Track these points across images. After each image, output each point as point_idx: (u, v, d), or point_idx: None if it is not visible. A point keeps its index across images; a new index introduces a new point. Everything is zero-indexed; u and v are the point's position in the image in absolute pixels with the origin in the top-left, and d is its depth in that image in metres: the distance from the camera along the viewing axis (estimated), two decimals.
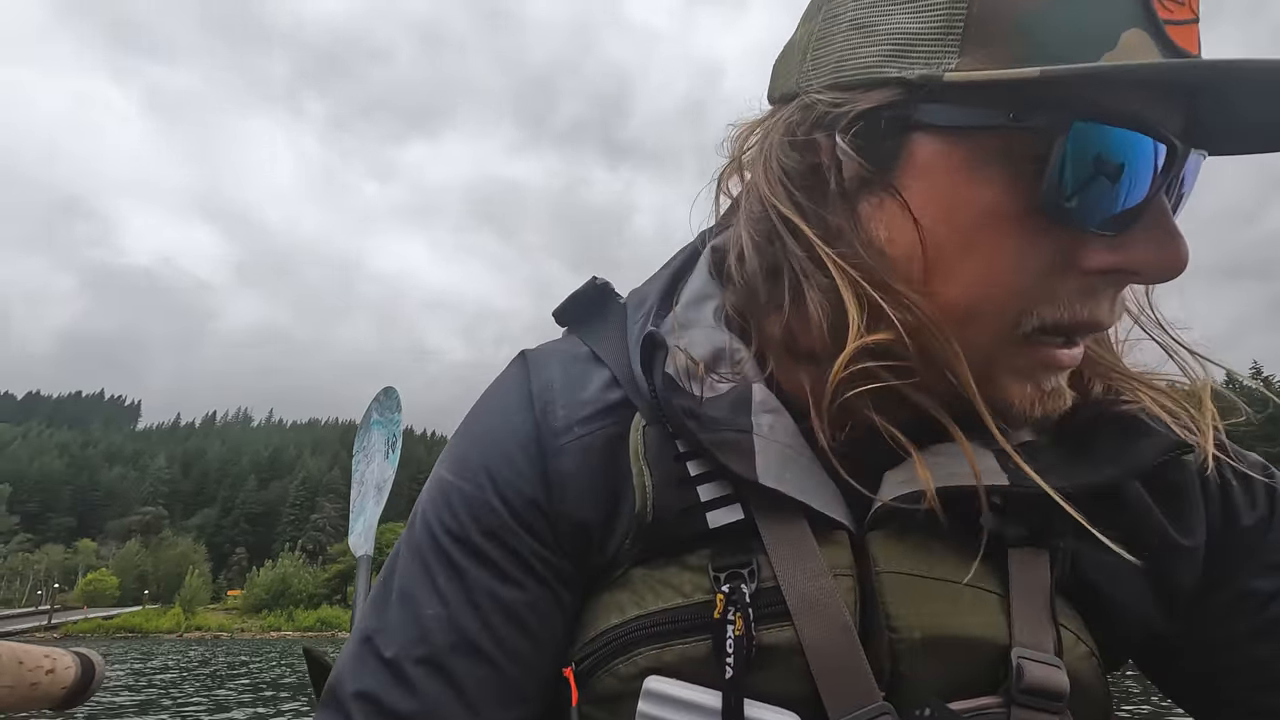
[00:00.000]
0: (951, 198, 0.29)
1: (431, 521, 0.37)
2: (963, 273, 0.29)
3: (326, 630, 48.46)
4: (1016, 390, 0.31)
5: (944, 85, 0.27)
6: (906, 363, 0.30)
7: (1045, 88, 0.26)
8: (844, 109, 0.30)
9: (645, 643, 0.32)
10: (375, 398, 2.02)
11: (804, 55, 0.33)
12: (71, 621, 46.02)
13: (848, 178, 0.31)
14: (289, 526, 79.03)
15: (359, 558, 1.61)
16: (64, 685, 0.49)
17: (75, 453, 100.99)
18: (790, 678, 0.30)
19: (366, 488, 1.88)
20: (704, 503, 0.33)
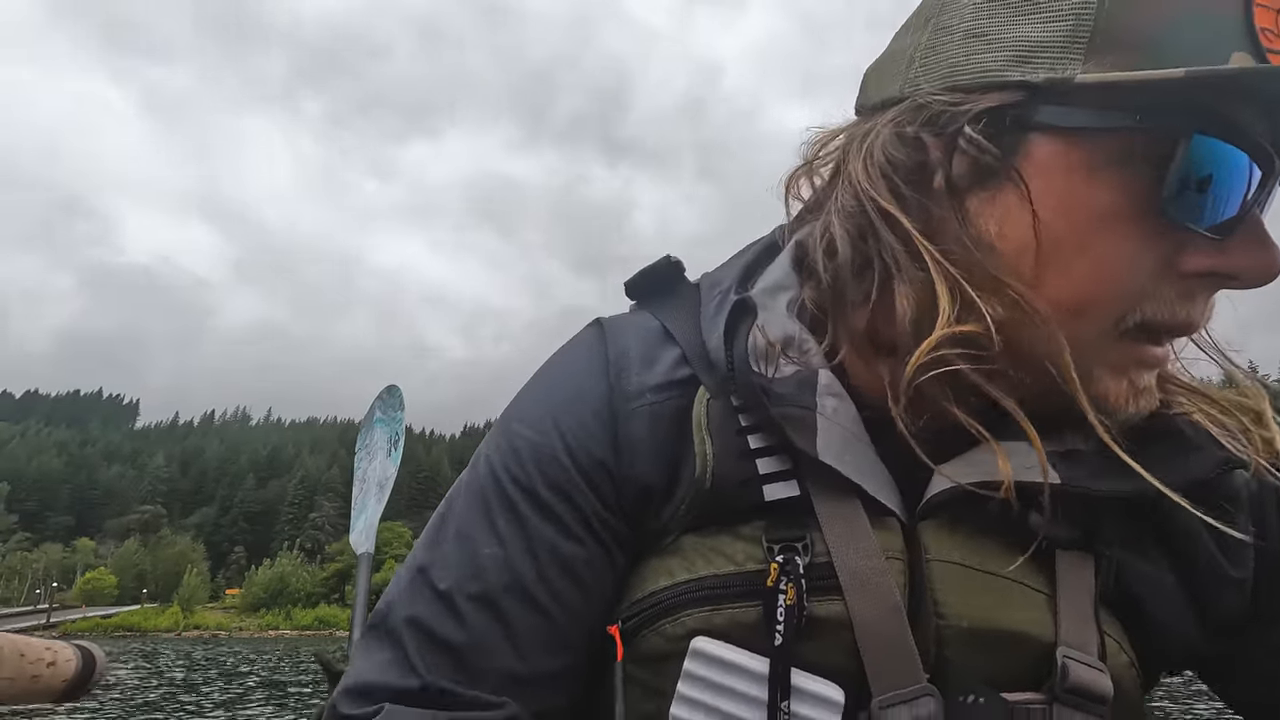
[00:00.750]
0: (1069, 196, 0.30)
1: (497, 468, 0.38)
2: (1076, 268, 0.30)
3: (324, 629, 48.47)
4: (1113, 386, 0.32)
5: (1072, 87, 0.29)
6: (986, 356, 0.31)
7: (1174, 91, 0.27)
8: (963, 108, 0.31)
9: (694, 605, 0.33)
10: (379, 395, 2.00)
11: (911, 63, 0.34)
12: (70, 620, 46.04)
13: (958, 173, 0.32)
14: (287, 525, 78.98)
15: (360, 555, 1.60)
16: (65, 678, 0.50)
17: (73, 451, 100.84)
18: (837, 651, 0.31)
19: (368, 485, 1.85)
20: (762, 475, 0.34)
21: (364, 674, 0.34)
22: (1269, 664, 0.35)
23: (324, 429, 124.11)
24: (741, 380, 0.35)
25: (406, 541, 60.00)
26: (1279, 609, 0.35)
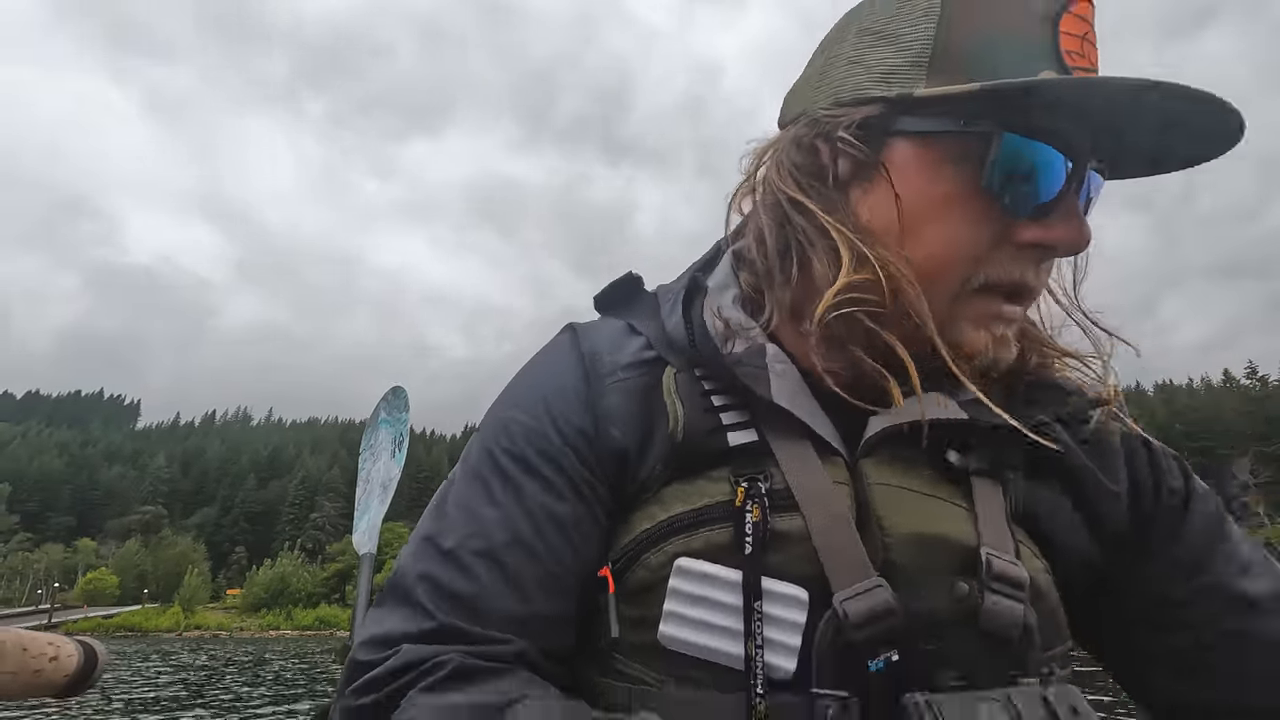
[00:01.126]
0: (921, 185, 0.40)
1: (491, 447, 0.44)
2: (928, 240, 0.40)
3: (325, 629, 48.45)
4: (972, 334, 0.41)
5: (914, 100, 0.39)
6: (880, 306, 0.39)
7: (984, 101, 0.37)
8: (841, 119, 0.41)
9: (674, 535, 0.39)
10: (384, 397, 2.00)
11: (809, 86, 0.45)
12: (71, 620, 46.00)
13: (842, 170, 0.42)
14: (288, 526, 78.95)
15: (362, 555, 1.57)
16: (67, 673, 0.50)
17: (75, 452, 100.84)
18: (799, 559, 0.37)
19: (372, 486, 1.85)
20: (725, 426, 0.42)
21: (380, 627, 0.39)
22: (1152, 569, 0.43)
23: (325, 429, 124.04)
24: (703, 348, 0.43)
25: (407, 541, 59.41)
26: (1152, 530, 0.44)
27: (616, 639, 0.39)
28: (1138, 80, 0.34)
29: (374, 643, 0.38)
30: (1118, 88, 0.35)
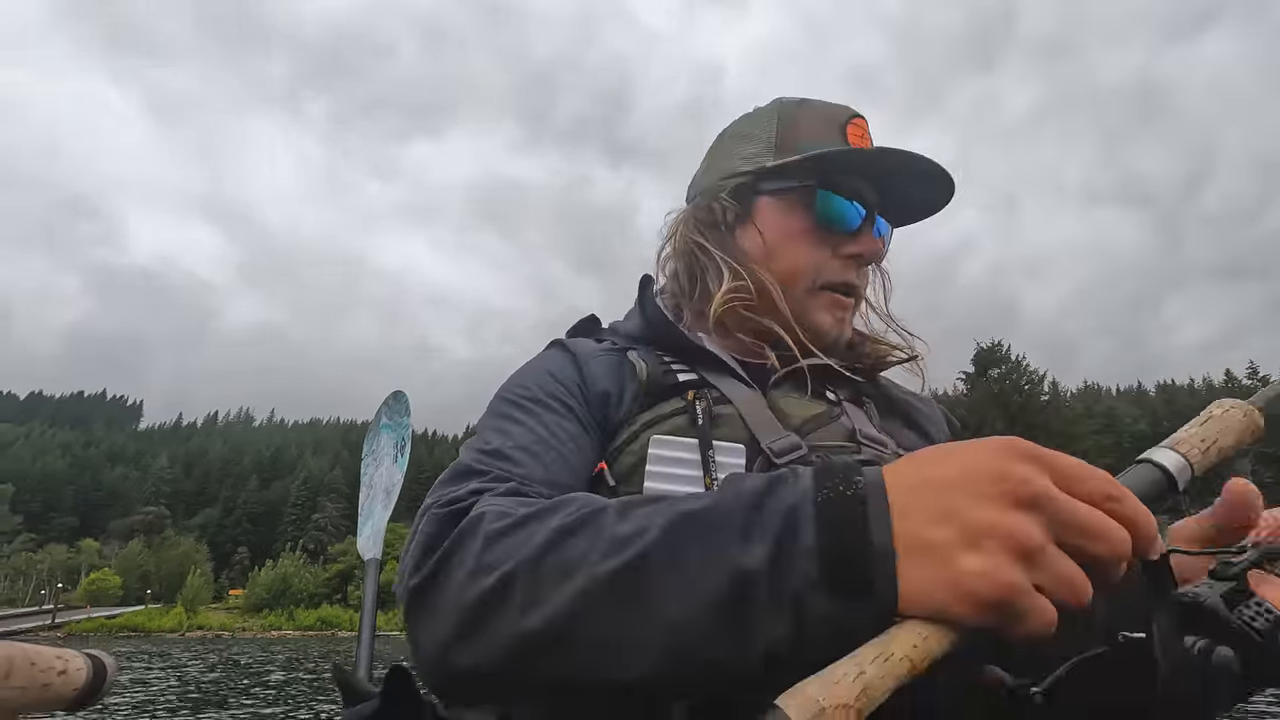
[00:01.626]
0: (776, 223, 0.63)
1: (506, 395, 0.59)
2: (784, 258, 0.63)
3: (327, 629, 48.48)
4: (820, 318, 0.64)
5: (767, 169, 0.63)
6: (752, 303, 0.62)
7: (807, 167, 0.62)
8: (724, 186, 0.65)
9: (647, 428, 0.56)
10: (385, 401, 1.99)
11: (703, 175, 0.70)
12: (75, 621, 46.05)
13: (728, 220, 0.65)
14: (290, 526, 79.02)
15: (367, 561, 1.57)
16: (75, 686, 0.50)
17: (78, 453, 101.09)
18: (735, 429, 0.55)
19: (375, 491, 1.85)
20: (675, 371, 0.61)
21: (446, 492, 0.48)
22: None
23: (326, 430, 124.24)
24: (657, 324, 0.64)
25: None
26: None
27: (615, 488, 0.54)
28: (875, 149, 0.62)
29: (439, 497, 0.47)
30: (865, 153, 0.62)
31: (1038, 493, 0.27)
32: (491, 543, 0.39)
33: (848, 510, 0.30)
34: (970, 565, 0.27)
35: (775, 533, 0.30)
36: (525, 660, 0.35)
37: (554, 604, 0.34)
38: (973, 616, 0.27)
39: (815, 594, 0.29)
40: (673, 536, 0.33)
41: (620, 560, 0.33)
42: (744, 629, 0.30)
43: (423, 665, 0.40)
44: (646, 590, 0.32)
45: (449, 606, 0.38)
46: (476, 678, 0.37)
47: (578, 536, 0.36)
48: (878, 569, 0.28)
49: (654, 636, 0.32)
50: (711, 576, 0.31)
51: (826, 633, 0.28)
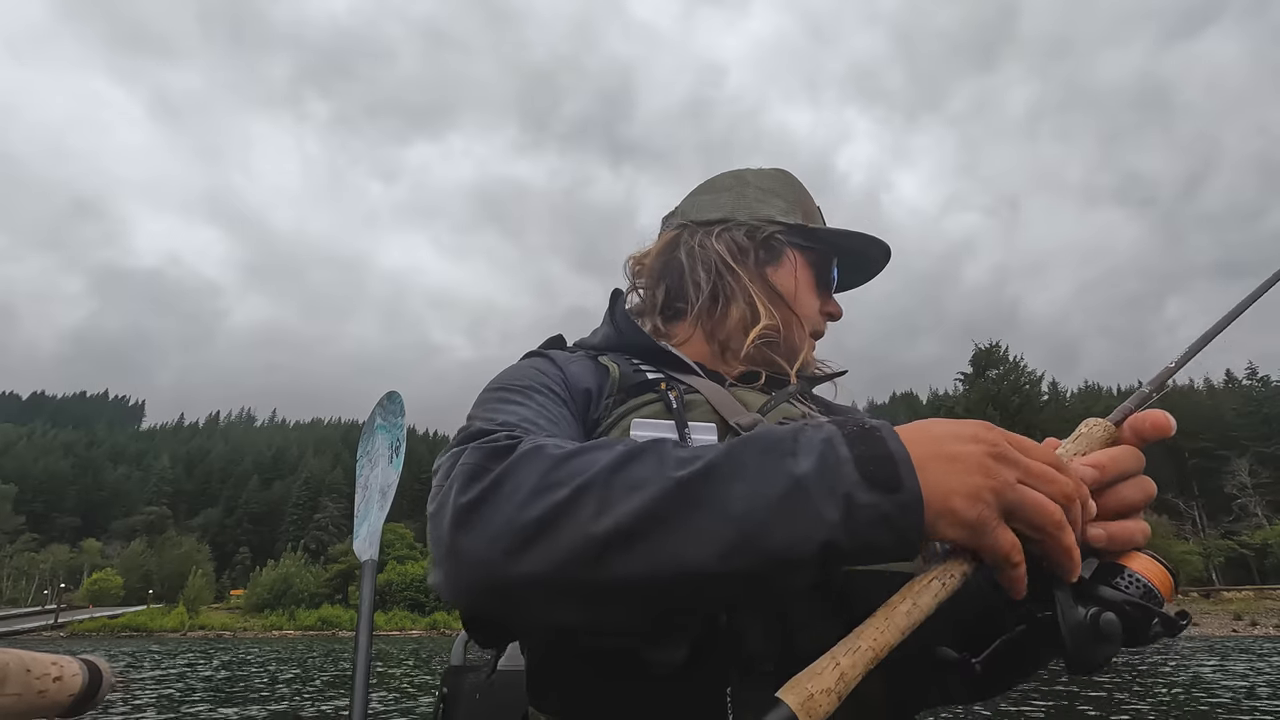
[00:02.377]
0: (799, 273, 0.73)
1: (497, 386, 0.60)
2: (800, 305, 0.72)
3: (328, 629, 48.55)
4: (809, 355, 0.74)
5: (800, 228, 0.73)
6: (775, 340, 0.69)
7: (823, 235, 0.74)
8: (765, 228, 0.72)
9: (626, 416, 0.59)
10: (379, 402, 1.99)
11: (733, 201, 0.75)
12: (77, 620, 46.15)
13: (759, 257, 0.72)
14: (292, 526, 79.12)
15: (363, 562, 1.56)
16: (71, 693, 0.50)
17: (80, 453, 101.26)
18: (705, 413, 0.59)
19: (370, 492, 1.83)
20: (645, 371, 0.66)
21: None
22: None
23: (328, 430, 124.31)
24: (625, 330, 0.70)
25: (409, 543, 59.84)
26: None
27: None
28: (868, 237, 0.74)
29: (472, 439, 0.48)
30: (862, 238, 0.74)
31: (1004, 451, 0.38)
32: (557, 464, 0.40)
33: (870, 434, 0.39)
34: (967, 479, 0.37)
35: (818, 450, 0.38)
36: (594, 563, 0.37)
37: (626, 508, 0.37)
38: (970, 510, 0.36)
39: (858, 490, 0.36)
40: (733, 453, 0.39)
41: (688, 471, 0.38)
42: (803, 518, 0.36)
43: (468, 579, 0.39)
44: (713, 493, 0.37)
45: (510, 518, 0.38)
46: (535, 584, 0.37)
47: (643, 459, 0.40)
48: (903, 472, 0.37)
49: (721, 531, 0.36)
50: (771, 479, 0.37)
51: (869, 518, 0.36)
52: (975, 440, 0.38)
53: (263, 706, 9.01)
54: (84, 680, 0.51)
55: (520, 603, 0.39)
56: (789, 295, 0.71)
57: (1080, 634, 0.36)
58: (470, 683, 0.88)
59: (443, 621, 48.62)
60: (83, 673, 0.52)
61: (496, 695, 0.85)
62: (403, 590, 52.33)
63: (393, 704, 8.99)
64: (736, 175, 0.77)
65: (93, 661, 0.54)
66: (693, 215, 0.75)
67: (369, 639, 1.18)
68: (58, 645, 2.59)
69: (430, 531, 0.42)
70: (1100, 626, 0.35)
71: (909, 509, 0.36)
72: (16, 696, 0.46)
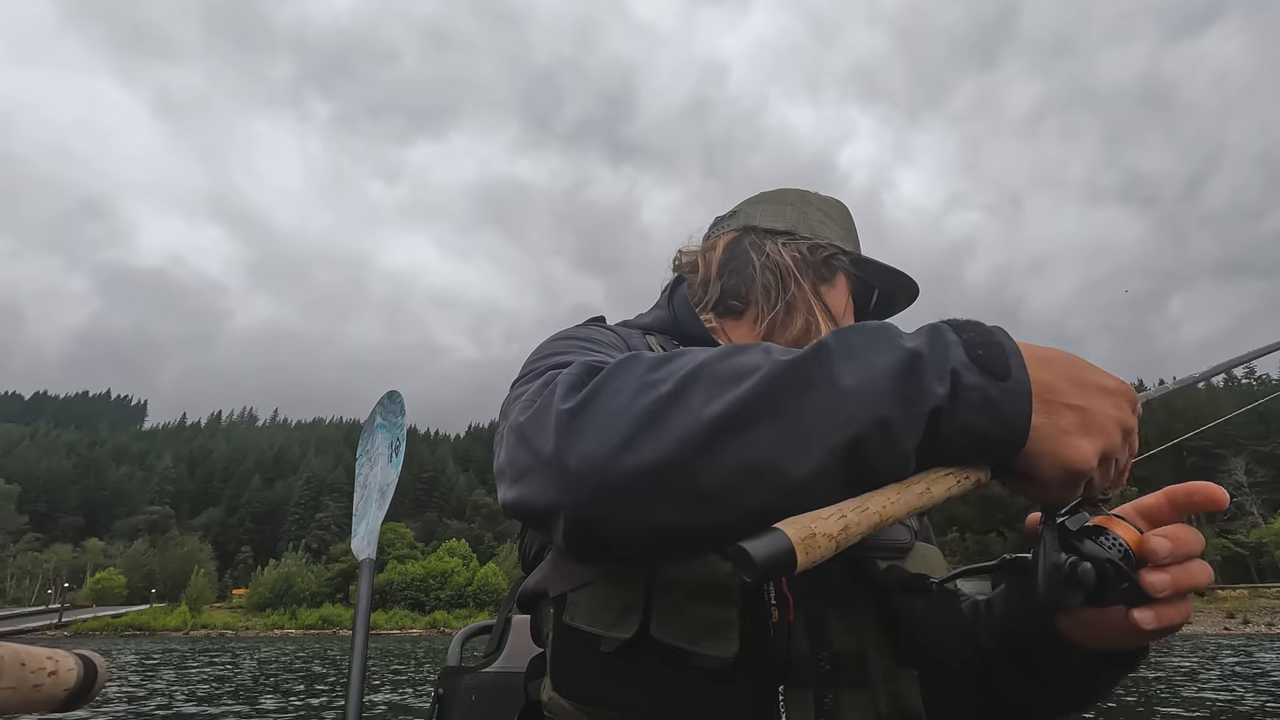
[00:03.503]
0: (846, 297, 0.76)
1: (555, 339, 0.60)
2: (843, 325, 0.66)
3: (329, 628, 48.67)
4: None
5: (855, 256, 0.76)
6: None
7: (875, 267, 0.77)
8: (823, 249, 0.75)
9: None
10: (379, 401, 2.01)
11: (797, 216, 0.77)
12: (81, 620, 46.31)
13: (816, 274, 0.74)
14: (294, 525, 79.33)
15: (361, 561, 1.53)
16: (66, 687, 0.50)
17: (82, 452, 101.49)
18: None
19: (370, 492, 1.80)
20: None
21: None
22: None
23: (329, 429, 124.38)
24: (681, 314, 0.71)
25: (409, 542, 59.93)
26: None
27: None
28: (890, 266, 0.77)
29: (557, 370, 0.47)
30: (886, 268, 0.77)
31: (1132, 428, 0.38)
32: (657, 364, 0.40)
33: (978, 325, 0.39)
34: (1076, 440, 0.36)
35: (926, 335, 0.38)
36: (705, 449, 0.36)
37: (735, 393, 0.36)
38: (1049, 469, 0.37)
39: (967, 370, 0.36)
40: (842, 337, 0.38)
41: (798, 355, 0.38)
42: (914, 388, 0.36)
43: (576, 480, 0.37)
44: (825, 372, 0.37)
45: (617, 414, 0.37)
46: (645, 477, 0.36)
47: (748, 351, 0.39)
48: (1014, 363, 0.37)
49: (835, 404, 0.36)
50: (882, 355, 0.37)
51: (976, 399, 0.36)
52: (1117, 405, 0.38)
53: (262, 705, 9.06)
54: (79, 675, 0.51)
55: (628, 501, 0.37)
56: (838, 316, 0.74)
57: (1055, 575, 0.37)
58: (466, 683, 0.87)
59: (442, 620, 48.73)
60: (78, 667, 0.52)
61: (492, 696, 0.84)
62: (403, 589, 52.43)
63: (390, 703, 9.04)
64: (800, 194, 0.80)
65: (88, 656, 0.54)
66: (756, 221, 0.76)
67: (365, 637, 1.18)
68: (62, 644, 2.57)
69: (522, 440, 0.40)
70: (1077, 575, 0.36)
71: (1016, 397, 0.36)
72: (11, 690, 0.46)
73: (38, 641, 0.50)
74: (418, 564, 53.93)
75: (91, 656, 0.54)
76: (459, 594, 51.82)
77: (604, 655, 0.46)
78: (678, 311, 0.71)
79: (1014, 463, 0.37)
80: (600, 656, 0.46)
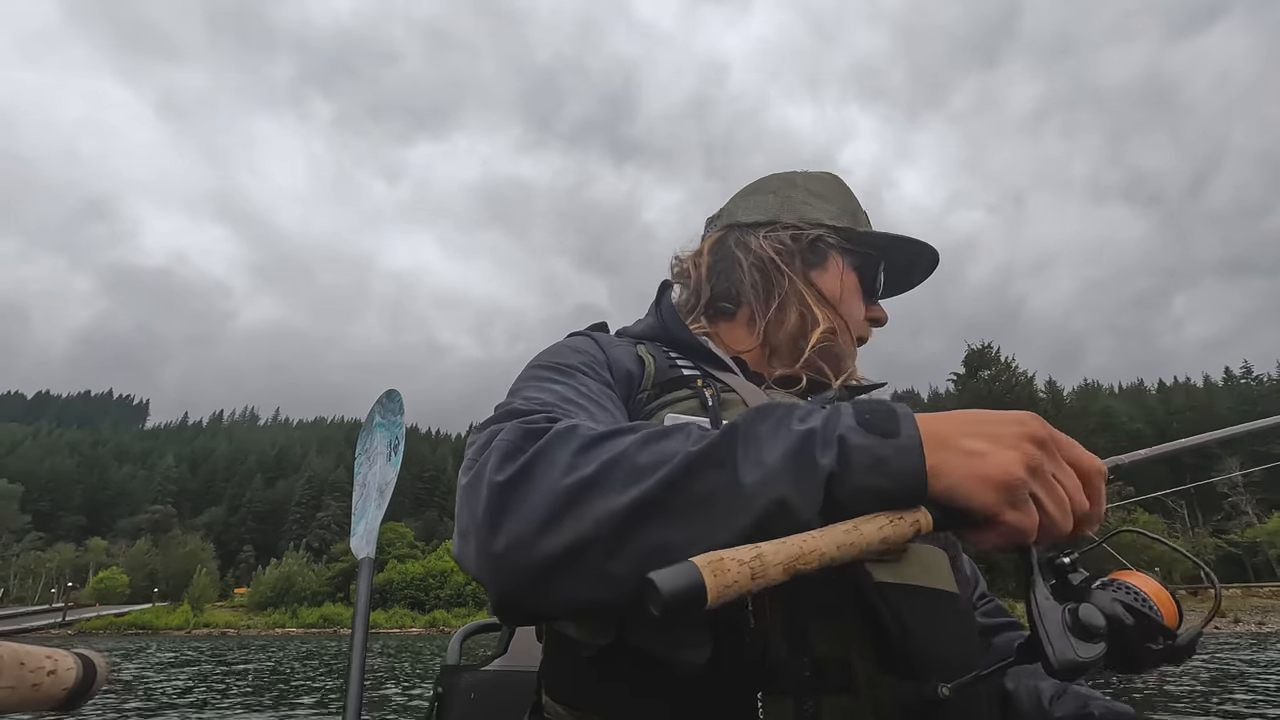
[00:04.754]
0: (843, 277, 0.72)
1: (541, 363, 0.60)
2: (846, 309, 0.72)
3: (329, 627, 48.80)
4: (852, 362, 0.73)
5: (848, 231, 0.73)
6: (834, 344, 0.70)
7: (873, 240, 0.73)
8: (807, 232, 0.72)
9: (662, 409, 0.59)
10: (378, 400, 1.96)
11: (769, 207, 0.74)
12: (85, 619, 46.44)
13: (804, 259, 0.71)
14: (295, 525, 79.39)
15: (360, 560, 1.55)
16: (65, 686, 0.50)
17: (85, 452, 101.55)
18: (739, 412, 0.54)
19: (369, 490, 1.79)
20: (681, 367, 0.65)
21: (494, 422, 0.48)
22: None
23: (331, 428, 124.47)
24: (671, 324, 0.69)
25: (410, 541, 59.94)
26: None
27: None
28: (918, 241, 0.73)
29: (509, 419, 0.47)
30: (914, 243, 0.74)
31: (1046, 438, 0.39)
32: (589, 443, 0.42)
33: (877, 401, 0.43)
34: (991, 459, 0.37)
35: (824, 412, 0.41)
36: (620, 534, 0.38)
37: (649, 484, 0.39)
38: (978, 493, 0.36)
39: (854, 433, 0.39)
40: (748, 421, 0.41)
41: (707, 442, 0.40)
42: (806, 464, 0.38)
43: (501, 557, 0.39)
44: (731, 461, 0.39)
45: (544, 496, 0.39)
46: (564, 558, 0.38)
47: (670, 437, 0.42)
48: (904, 424, 0.39)
49: (737, 495, 0.38)
50: (780, 442, 0.39)
51: (865, 459, 0.38)
52: (1021, 424, 0.39)
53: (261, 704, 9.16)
54: (78, 674, 0.51)
55: (548, 581, 0.39)
56: (834, 299, 0.70)
57: (1056, 627, 0.33)
58: (465, 682, 0.88)
59: (442, 619, 48.79)
60: (77, 667, 0.51)
61: (491, 695, 0.85)
62: (403, 588, 52.52)
63: (390, 701, 9.12)
64: (785, 178, 0.77)
65: (87, 655, 0.53)
66: (739, 217, 0.75)
67: (364, 636, 1.18)
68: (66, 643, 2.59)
69: (462, 504, 0.43)
70: (1081, 620, 0.32)
71: (905, 451, 0.37)
72: (10, 689, 0.45)
73: (43, 640, 0.47)
74: (418, 563, 54.01)
75: (91, 656, 0.53)
76: (458, 593, 51.93)
77: (586, 660, 0.47)
78: (665, 319, 0.71)
79: (928, 500, 0.37)
80: (582, 661, 0.47)
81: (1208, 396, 75.59)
